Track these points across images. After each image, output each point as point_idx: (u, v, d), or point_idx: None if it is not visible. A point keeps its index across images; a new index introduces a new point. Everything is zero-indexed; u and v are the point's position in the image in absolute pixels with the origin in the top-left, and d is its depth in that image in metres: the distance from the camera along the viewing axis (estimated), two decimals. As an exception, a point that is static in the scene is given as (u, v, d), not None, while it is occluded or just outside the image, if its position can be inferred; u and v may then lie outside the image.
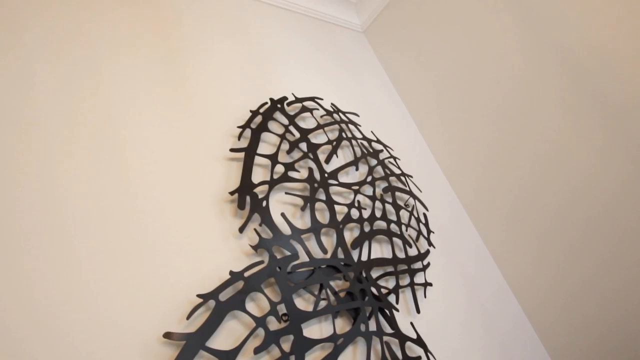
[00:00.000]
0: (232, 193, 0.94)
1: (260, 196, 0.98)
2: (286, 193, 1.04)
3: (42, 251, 0.66)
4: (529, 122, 1.53)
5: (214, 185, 0.95)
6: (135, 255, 0.75)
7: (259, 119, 1.13)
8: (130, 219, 0.78)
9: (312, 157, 1.17)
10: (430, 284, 1.23)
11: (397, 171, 1.49)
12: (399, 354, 0.98)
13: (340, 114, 1.41)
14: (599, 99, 1.39)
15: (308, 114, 1.31)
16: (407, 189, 1.44)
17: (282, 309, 0.85)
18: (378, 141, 1.48)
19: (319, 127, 1.26)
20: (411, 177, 1.52)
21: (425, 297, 1.21)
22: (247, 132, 1.10)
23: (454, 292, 1.34)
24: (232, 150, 1.00)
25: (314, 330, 0.89)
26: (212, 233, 0.88)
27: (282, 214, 0.99)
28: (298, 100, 1.28)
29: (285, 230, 0.97)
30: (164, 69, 1.05)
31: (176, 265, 0.78)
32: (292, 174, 1.09)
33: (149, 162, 0.88)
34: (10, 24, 0.84)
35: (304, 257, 0.96)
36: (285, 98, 1.24)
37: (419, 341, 1.04)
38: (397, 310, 1.06)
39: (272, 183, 1.02)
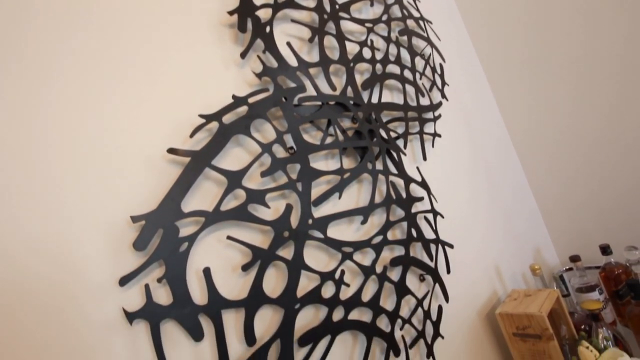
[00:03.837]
0: (231, 13, 0.82)
1: (263, 21, 0.86)
2: (292, 21, 0.92)
3: (44, 91, 0.58)
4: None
5: (208, 5, 0.82)
6: (132, 78, 0.68)
7: None
8: (126, 45, 0.68)
9: (321, -17, 1.01)
10: (439, 135, 1.20)
11: (416, 14, 1.32)
12: (403, 194, 1.00)
13: (355, -63, 1.18)
14: None
15: None
16: (425, 35, 1.29)
17: (288, 140, 0.82)
18: (397, -24, 1.28)
19: (331, -52, 1.06)
20: (431, 23, 1.36)
21: (432, 147, 1.19)
22: (246, -54, 0.91)
23: (461, 146, 1.32)
24: (228, -38, 0.85)
25: (320, 165, 0.88)
26: (212, 59, 0.79)
27: (288, 43, 0.88)
28: None
29: (292, 61, 0.89)
30: None
31: (175, 91, 0.72)
32: (298, 0, 0.95)
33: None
34: None
35: (311, 92, 0.90)
36: None
37: (423, 184, 1.05)
38: (405, 154, 1.04)
39: (276, 7, 0.89)
